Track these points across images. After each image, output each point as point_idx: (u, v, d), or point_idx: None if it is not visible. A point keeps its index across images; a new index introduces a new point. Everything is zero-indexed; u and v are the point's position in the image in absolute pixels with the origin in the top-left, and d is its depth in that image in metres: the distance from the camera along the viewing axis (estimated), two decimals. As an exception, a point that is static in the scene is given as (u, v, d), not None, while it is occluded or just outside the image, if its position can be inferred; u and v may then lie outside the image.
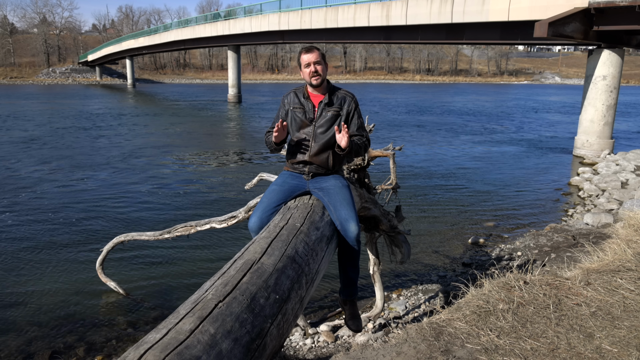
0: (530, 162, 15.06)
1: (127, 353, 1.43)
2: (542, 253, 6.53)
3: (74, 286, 5.92)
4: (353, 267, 2.96)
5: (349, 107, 3.01)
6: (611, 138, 16.02)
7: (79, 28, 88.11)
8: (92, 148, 16.20)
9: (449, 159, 15.27)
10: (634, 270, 3.45)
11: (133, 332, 4.95)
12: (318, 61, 2.91)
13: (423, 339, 2.56)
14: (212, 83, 74.17)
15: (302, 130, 3.01)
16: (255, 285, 1.88)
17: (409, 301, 5.57)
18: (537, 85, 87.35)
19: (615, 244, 4.16)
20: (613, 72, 15.45)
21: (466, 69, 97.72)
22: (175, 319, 1.59)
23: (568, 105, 39.80)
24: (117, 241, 5.39)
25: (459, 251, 7.35)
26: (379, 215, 4.40)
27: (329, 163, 3.01)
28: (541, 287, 3.12)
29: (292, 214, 2.70)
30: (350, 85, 69.59)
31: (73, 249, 7.09)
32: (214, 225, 4.57)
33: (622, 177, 11.63)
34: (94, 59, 65.36)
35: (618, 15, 13.76)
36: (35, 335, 4.86)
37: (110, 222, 8.36)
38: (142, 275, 6.24)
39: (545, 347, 2.48)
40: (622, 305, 2.94)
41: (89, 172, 12.45)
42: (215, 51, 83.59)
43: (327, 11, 24.22)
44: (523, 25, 16.09)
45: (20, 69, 69.46)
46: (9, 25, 76.58)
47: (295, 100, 3.04)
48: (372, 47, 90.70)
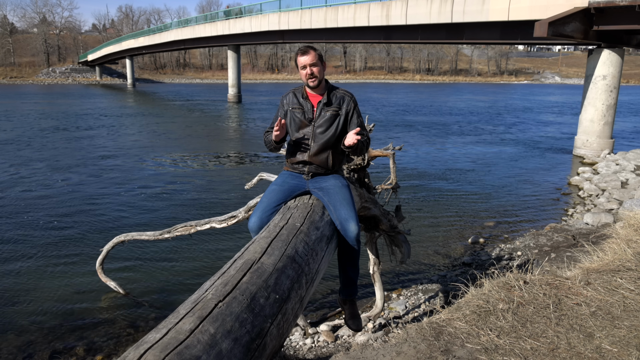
0: (530, 161, 15.05)
1: (127, 353, 1.43)
2: (542, 253, 6.53)
3: (74, 286, 5.93)
4: (353, 266, 2.96)
5: (348, 107, 3.00)
6: (611, 138, 16.02)
7: (79, 28, 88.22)
8: (92, 148, 16.20)
9: (448, 158, 15.27)
10: (634, 270, 3.45)
11: (133, 332, 4.95)
12: (314, 63, 2.89)
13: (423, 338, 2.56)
14: (212, 83, 74.16)
15: (302, 130, 3.00)
16: (255, 285, 1.88)
17: (409, 301, 5.57)
18: (537, 85, 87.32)
19: (615, 243, 4.16)
20: (613, 71, 15.45)
21: (466, 69, 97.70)
22: (175, 319, 1.59)
23: (568, 105, 39.79)
24: (117, 241, 5.39)
25: (459, 251, 7.35)
26: (379, 215, 4.40)
27: (328, 163, 3.01)
28: (541, 287, 3.12)
29: (292, 214, 2.69)
30: (350, 85, 69.57)
31: (73, 249, 7.10)
32: (214, 225, 4.58)
33: (622, 177, 11.63)
34: (94, 59, 65.39)
35: (618, 15, 13.76)
36: (35, 335, 4.86)
37: (110, 222, 8.36)
38: (142, 275, 6.24)
39: (545, 347, 2.48)
40: (622, 305, 2.94)
41: (88, 171, 12.45)
42: (215, 51, 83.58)
43: (327, 11, 24.22)
44: (523, 25, 16.09)
45: (20, 69, 69.45)
46: (8, 25, 76.57)
47: (294, 101, 3.04)
48: (372, 47, 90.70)
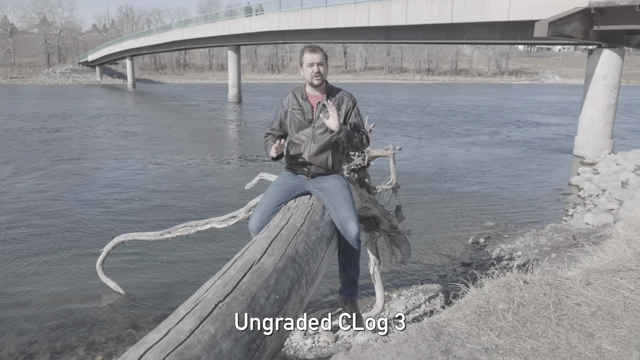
0: (530, 161, 15.05)
1: (127, 353, 1.42)
2: (542, 253, 6.53)
3: (74, 286, 5.92)
4: (353, 266, 2.96)
5: (347, 107, 3.00)
6: (611, 138, 16.01)
7: (79, 28, 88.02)
8: (91, 147, 16.20)
9: (448, 158, 15.26)
10: (634, 270, 3.44)
11: (133, 332, 4.95)
12: (321, 62, 2.92)
13: (423, 338, 2.56)
14: (212, 83, 74.13)
15: (301, 131, 3.01)
16: (255, 285, 1.88)
17: (409, 301, 5.57)
18: (538, 84, 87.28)
19: (615, 243, 4.15)
20: (613, 71, 15.44)
21: (466, 69, 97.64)
22: (175, 319, 1.59)
23: (568, 104, 39.77)
24: (117, 241, 5.40)
25: (459, 251, 7.34)
26: (379, 215, 4.40)
27: (328, 163, 3.01)
28: (541, 287, 3.12)
29: (292, 214, 2.69)
30: (350, 85, 69.55)
31: (73, 249, 7.09)
32: (214, 225, 4.58)
33: (622, 177, 11.62)
34: (94, 59, 65.36)
35: (618, 14, 13.75)
36: (35, 335, 4.86)
37: (110, 222, 8.36)
38: (142, 275, 6.24)
39: (546, 347, 2.48)
40: (622, 305, 2.93)
41: (87, 171, 12.45)
42: (216, 51, 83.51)
43: (327, 11, 24.21)
44: (523, 25, 16.08)
45: (21, 69, 69.41)
46: (9, 26, 76.55)
47: (293, 102, 3.04)
48: (372, 47, 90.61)
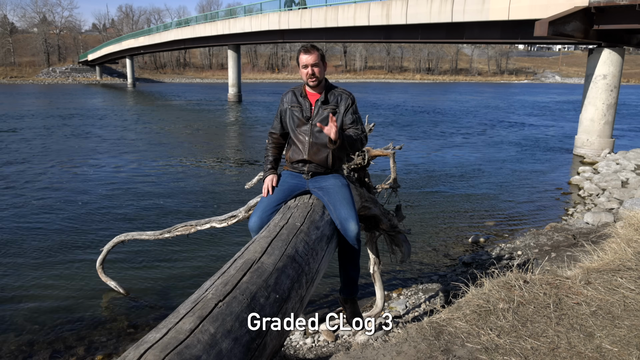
0: (530, 161, 15.04)
1: (127, 353, 1.42)
2: (542, 252, 6.52)
3: (74, 286, 5.92)
4: (353, 266, 2.96)
5: (346, 104, 3.00)
6: (611, 137, 16.00)
7: (79, 27, 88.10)
8: (91, 147, 16.19)
9: (448, 158, 15.26)
10: (634, 270, 3.44)
11: (133, 331, 4.95)
12: (316, 63, 2.89)
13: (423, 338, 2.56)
14: (212, 82, 74.13)
15: (300, 129, 3.02)
16: (255, 285, 1.88)
17: (409, 300, 5.56)
18: (538, 84, 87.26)
19: (615, 243, 4.15)
20: (613, 71, 15.43)
21: (466, 68, 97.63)
22: (175, 319, 1.59)
23: (568, 104, 39.76)
24: (117, 241, 5.39)
25: (459, 250, 7.34)
26: (379, 214, 4.40)
27: (328, 162, 3.01)
28: (541, 287, 3.12)
29: (292, 214, 2.69)
30: (350, 84, 69.55)
31: (73, 249, 7.09)
32: (214, 224, 4.57)
33: (622, 176, 11.62)
34: (94, 59, 65.36)
35: (618, 14, 13.74)
36: (35, 335, 4.86)
37: (110, 222, 8.35)
38: (142, 275, 6.24)
39: (546, 347, 2.48)
40: (622, 304, 2.93)
41: (87, 171, 12.45)
42: (216, 50, 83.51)
43: (327, 10, 24.20)
44: (523, 24, 16.08)
45: (20, 69, 69.43)
46: (9, 25, 76.53)
47: (293, 99, 3.06)
48: (372, 47, 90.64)
